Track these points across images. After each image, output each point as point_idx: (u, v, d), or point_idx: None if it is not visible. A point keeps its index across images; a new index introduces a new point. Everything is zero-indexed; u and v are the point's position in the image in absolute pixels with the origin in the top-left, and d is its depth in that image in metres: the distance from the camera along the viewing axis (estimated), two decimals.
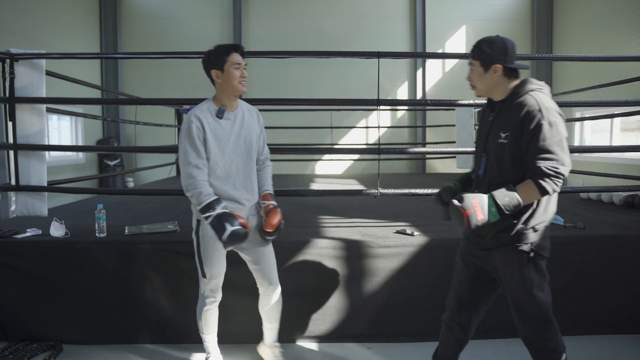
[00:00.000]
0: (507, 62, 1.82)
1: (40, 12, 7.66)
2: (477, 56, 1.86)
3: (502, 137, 1.80)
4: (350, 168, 10.11)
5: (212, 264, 2.26)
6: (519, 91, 1.83)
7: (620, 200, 4.10)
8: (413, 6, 10.04)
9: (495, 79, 1.84)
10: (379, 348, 2.76)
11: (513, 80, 1.87)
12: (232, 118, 2.23)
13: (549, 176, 1.69)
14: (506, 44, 1.83)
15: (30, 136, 3.20)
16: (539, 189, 1.72)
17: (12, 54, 3.10)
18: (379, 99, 3.30)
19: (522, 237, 1.83)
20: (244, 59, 2.22)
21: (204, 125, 2.14)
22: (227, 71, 2.15)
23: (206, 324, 2.39)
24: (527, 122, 1.73)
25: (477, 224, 1.73)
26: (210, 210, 2.07)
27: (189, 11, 10.01)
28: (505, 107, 1.84)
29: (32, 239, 2.87)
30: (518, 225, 1.82)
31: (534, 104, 1.75)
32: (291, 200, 4.45)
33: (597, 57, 5.07)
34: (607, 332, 2.90)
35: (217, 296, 2.36)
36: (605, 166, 7.87)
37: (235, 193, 2.24)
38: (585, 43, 8.90)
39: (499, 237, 1.84)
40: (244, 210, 2.28)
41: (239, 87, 2.17)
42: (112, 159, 9.68)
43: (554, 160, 1.70)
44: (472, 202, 1.72)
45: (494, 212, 1.73)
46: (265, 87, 9.80)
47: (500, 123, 1.84)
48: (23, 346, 2.69)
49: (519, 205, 1.74)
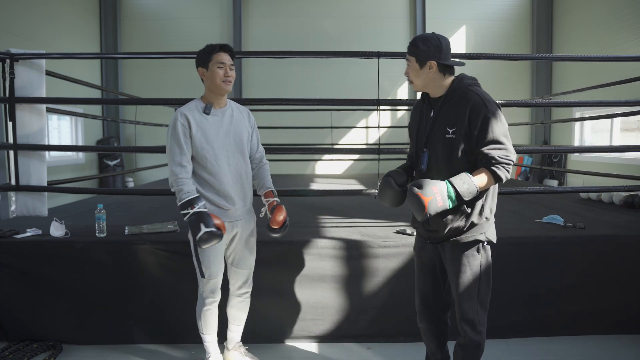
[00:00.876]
0: (441, 59, 1.88)
1: (40, 12, 7.66)
2: (413, 53, 1.91)
3: (449, 132, 1.85)
4: (350, 168, 10.11)
5: (210, 263, 2.25)
6: (457, 87, 1.90)
7: (620, 200, 4.10)
8: (413, 6, 10.04)
9: (430, 75, 1.89)
10: (379, 348, 2.76)
11: (448, 77, 1.92)
12: (220, 114, 2.25)
13: (502, 164, 1.80)
14: (441, 42, 1.89)
15: (30, 136, 3.20)
16: (493, 176, 1.81)
17: (12, 54, 3.10)
18: (379, 99, 3.30)
19: (477, 228, 1.90)
20: (233, 59, 2.24)
21: (190, 121, 2.16)
22: (211, 69, 2.19)
23: (206, 324, 2.39)
24: (473, 116, 1.81)
25: (436, 211, 1.76)
26: (188, 207, 2.08)
27: (189, 11, 10.01)
28: (447, 103, 1.90)
29: (32, 239, 2.87)
30: (473, 217, 1.88)
31: (477, 98, 1.83)
32: (291, 200, 4.45)
33: (597, 57, 5.07)
34: (607, 332, 2.90)
35: (216, 296, 2.36)
36: (605, 166, 7.87)
37: (227, 189, 2.23)
38: (585, 43, 8.90)
39: (454, 229, 1.88)
40: (236, 210, 2.28)
41: (221, 85, 2.19)
42: (112, 159, 9.68)
43: (504, 149, 1.80)
44: (433, 189, 1.76)
45: (453, 199, 1.78)
46: (265, 87, 9.80)
47: (445, 119, 1.88)
48: (23, 346, 2.69)
49: (475, 193, 1.80)
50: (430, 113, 1.95)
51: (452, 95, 1.89)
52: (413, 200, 1.79)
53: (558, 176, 9.79)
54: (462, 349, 1.99)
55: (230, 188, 2.24)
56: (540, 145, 10.16)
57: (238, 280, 2.43)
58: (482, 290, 1.94)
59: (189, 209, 2.08)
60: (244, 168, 2.31)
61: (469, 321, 1.93)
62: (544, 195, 4.76)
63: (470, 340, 1.94)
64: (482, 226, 1.91)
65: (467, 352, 1.97)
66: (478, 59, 3.36)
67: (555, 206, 4.12)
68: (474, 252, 1.92)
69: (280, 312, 2.81)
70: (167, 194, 3.47)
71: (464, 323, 1.94)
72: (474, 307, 1.93)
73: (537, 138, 10.31)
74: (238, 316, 2.50)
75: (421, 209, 1.75)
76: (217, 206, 2.22)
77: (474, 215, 1.88)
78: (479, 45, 9.91)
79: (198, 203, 2.09)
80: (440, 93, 1.93)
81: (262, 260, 2.75)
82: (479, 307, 1.93)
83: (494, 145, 1.80)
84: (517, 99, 6.71)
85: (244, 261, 2.39)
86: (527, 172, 10.34)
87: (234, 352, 2.55)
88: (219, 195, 2.23)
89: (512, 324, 2.86)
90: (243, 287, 2.44)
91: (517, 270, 2.84)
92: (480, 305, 1.94)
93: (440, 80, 1.91)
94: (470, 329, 1.93)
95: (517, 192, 3.48)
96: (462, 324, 1.95)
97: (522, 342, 2.82)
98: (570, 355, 2.69)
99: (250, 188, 2.37)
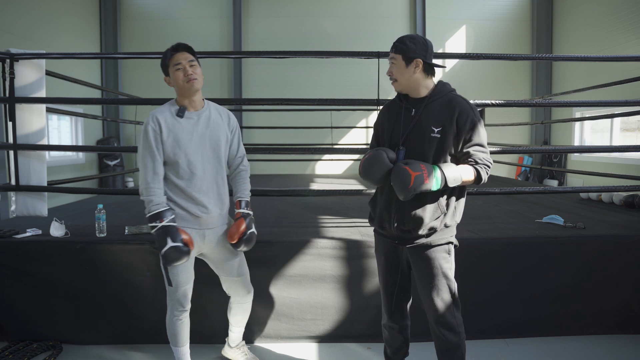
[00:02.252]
0: (427, 59, 1.91)
1: (40, 12, 7.66)
2: (399, 50, 1.92)
3: (434, 131, 1.88)
4: (350, 168, 10.11)
5: (177, 271, 2.14)
6: (442, 90, 1.95)
7: (620, 200, 4.10)
8: (413, 6, 10.04)
9: (416, 73, 1.91)
10: (379, 348, 2.76)
11: (430, 79, 1.96)
12: (195, 117, 2.14)
13: (485, 166, 1.88)
14: (427, 42, 1.93)
15: (30, 136, 3.20)
16: (476, 175, 1.87)
17: (12, 54, 3.10)
18: (379, 99, 3.30)
19: (449, 230, 1.95)
20: (193, 55, 2.13)
21: (161, 125, 2.07)
22: (171, 74, 2.11)
23: (176, 335, 2.25)
24: (461, 119, 1.86)
25: (421, 188, 1.77)
26: (157, 220, 2.01)
27: (189, 11, 10.01)
28: (432, 103, 1.92)
29: (32, 239, 2.87)
30: (447, 218, 1.91)
31: (465, 103, 1.90)
32: (291, 200, 4.46)
33: (597, 57, 5.06)
34: (607, 332, 2.90)
35: (186, 306, 2.23)
36: (605, 166, 7.87)
37: (201, 197, 2.13)
38: (585, 43, 8.90)
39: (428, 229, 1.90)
40: (209, 218, 2.18)
41: (185, 86, 2.08)
42: (112, 159, 9.68)
43: (486, 153, 1.89)
44: (421, 166, 1.79)
45: (439, 181, 1.80)
46: (265, 87, 9.81)
47: (430, 118, 1.90)
48: (23, 346, 2.69)
49: (459, 182, 1.84)
50: (411, 112, 1.95)
51: (437, 96, 1.93)
52: (399, 174, 1.79)
53: (558, 176, 9.79)
54: (444, 355, 1.97)
55: (204, 195, 2.14)
56: (540, 145, 10.16)
57: (237, 290, 2.37)
58: (455, 292, 1.95)
59: (158, 222, 2.00)
60: (220, 174, 2.21)
61: (446, 325, 1.93)
62: (544, 195, 4.76)
63: (449, 343, 1.94)
64: (452, 229, 1.96)
65: (449, 356, 1.96)
66: (478, 59, 3.36)
67: (555, 206, 4.12)
68: (445, 255, 1.94)
69: (280, 312, 2.81)
70: None
71: (441, 327, 1.94)
72: (451, 310, 1.94)
73: (537, 138, 10.32)
74: (239, 320, 2.48)
75: (407, 183, 1.76)
76: (189, 212, 2.13)
77: (448, 217, 1.92)
78: (479, 45, 9.91)
79: (167, 216, 2.02)
80: (422, 94, 1.95)
81: (262, 260, 2.76)
82: (455, 308, 1.95)
83: (479, 148, 1.88)
84: (517, 99, 6.72)
85: (231, 267, 2.30)
86: (527, 172, 10.34)
87: (236, 350, 2.55)
88: (190, 202, 2.13)
89: (512, 323, 2.86)
90: (245, 296, 2.40)
91: (517, 270, 2.84)
92: (455, 306, 1.95)
93: (423, 81, 1.94)
94: (448, 332, 1.93)
95: (517, 192, 3.48)
96: (439, 328, 1.94)
97: (521, 342, 2.81)
98: (570, 355, 2.69)
99: (226, 194, 2.27)
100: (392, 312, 2.11)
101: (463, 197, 1.98)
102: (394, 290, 2.08)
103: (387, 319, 2.14)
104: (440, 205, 1.90)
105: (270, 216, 3.67)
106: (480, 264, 2.82)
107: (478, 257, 2.81)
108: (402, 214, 1.92)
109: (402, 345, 2.17)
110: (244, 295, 2.41)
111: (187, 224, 2.14)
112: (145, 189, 2.07)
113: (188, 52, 2.12)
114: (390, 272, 2.07)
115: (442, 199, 1.91)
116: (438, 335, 1.95)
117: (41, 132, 3.23)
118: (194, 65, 2.11)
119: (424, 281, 1.95)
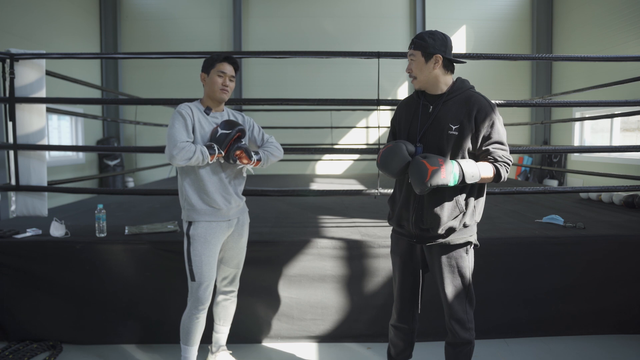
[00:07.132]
0: (447, 54, 1.90)
1: (40, 12, 7.67)
2: (419, 46, 1.91)
3: (452, 128, 1.86)
4: (350, 168, 10.12)
5: (201, 264, 2.21)
6: (461, 87, 1.93)
7: (620, 200, 4.10)
8: (413, 6, 10.04)
9: (435, 69, 1.90)
10: (379, 348, 2.76)
11: (449, 75, 1.94)
12: (219, 117, 2.30)
13: (505, 164, 1.87)
14: (446, 37, 1.93)
15: (30, 136, 3.20)
16: (496, 173, 1.86)
17: (12, 54, 3.10)
18: (379, 99, 3.31)
19: (468, 230, 1.94)
20: (236, 72, 2.30)
21: (194, 115, 2.20)
22: (211, 76, 2.24)
23: (189, 334, 2.27)
24: (480, 116, 1.84)
25: (438, 182, 1.75)
26: (211, 150, 2.11)
27: (189, 11, 10.02)
28: (450, 100, 1.91)
29: (32, 239, 2.87)
30: (466, 218, 1.90)
31: (484, 101, 1.88)
32: (291, 200, 4.46)
33: (597, 57, 5.05)
34: (607, 332, 2.90)
35: (206, 304, 2.26)
36: (605, 166, 7.88)
37: (223, 186, 2.25)
38: (585, 43, 8.90)
39: (447, 228, 1.90)
40: (231, 209, 2.29)
41: (218, 92, 2.24)
42: (112, 159, 9.69)
43: (506, 151, 1.88)
44: (439, 161, 1.77)
45: (456, 177, 1.78)
46: (266, 87, 9.81)
47: (448, 115, 1.88)
48: (23, 346, 2.69)
49: (477, 179, 1.82)
50: (429, 109, 1.94)
51: (456, 93, 1.91)
52: (416, 167, 1.78)
53: (558, 176, 9.79)
54: (453, 348, 1.99)
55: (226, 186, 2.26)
56: (540, 145, 10.16)
57: (230, 280, 2.43)
58: (470, 290, 1.97)
59: (215, 148, 2.12)
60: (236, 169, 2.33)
61: (459, 320, 1.95)
62: (544, 195, 4.77)
63: (460, 339, 1.95)
64: (471, 228, 1.95)
65: (458, 351, 1.98)
66: (478, 59, 3.36)
67: (555, 206, 4.13)
68: (463, 254, 1.94)
69: (280, 311, 2.81)
70: (167, 194, 3.47)
71: (454, 322, 1.96)
72: (464, 307, 1.95)
73: (537, 138, 10.32)
74: (223, 315, 2.48)
75: (423, 176, 1.74)
76: (211, 206, 2.22)
77: (467, 217, 1.90)
78: (479, 45, 9.92)
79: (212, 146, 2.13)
80: (441, 90, 1.94)
81: (262, 260, 2.76)
82: (468, 306, 1.97)
83: (499, 145, 1.86)
84: (517, 99, 6.72)
85: (232, 260, 2.39)
86: (527, 172, 10.34)
87: (219, 355, 2.53)
88: (214, 195, 2.22)
89: (512, 323, 2.86)
90: (229, 285, 2.44)
91: (517, 270, 2.84)
92: (469, 304, 1.97)
93: (443, 77, 1.92)
94: (460, 327, 1.95)
95: (517, 192, 3.48)
96: (452, 322, 1.96)
97: (522, 342, 2.82)
98: (570, 355, 2.69)
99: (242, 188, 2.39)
100: (403, 313, 2.11)
101: (483, 196, 1.96)
102: (406, 291, 2.08)
103: (395, 319, 2.14)
104: (459, 204, 1.89)
105: (270, 216, 3.67)
106: (480, 264, 2.81)
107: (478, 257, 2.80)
108: (420, 211, 1.92)
109: (407, 347, 2.18)
110: (235, 286, 2.47)
111: (211, 217, 2.23)
112: (183, 148, 2.04)
113: (234, 68, 2.29)
114: (404, 273, 2.07)
115: (461, 198, 1.89)
116: (450, 329, 1.98)
117: (41, 132, 3.23)
118: (232, 81, 2.29)
119: (442, 279, 1.96)
